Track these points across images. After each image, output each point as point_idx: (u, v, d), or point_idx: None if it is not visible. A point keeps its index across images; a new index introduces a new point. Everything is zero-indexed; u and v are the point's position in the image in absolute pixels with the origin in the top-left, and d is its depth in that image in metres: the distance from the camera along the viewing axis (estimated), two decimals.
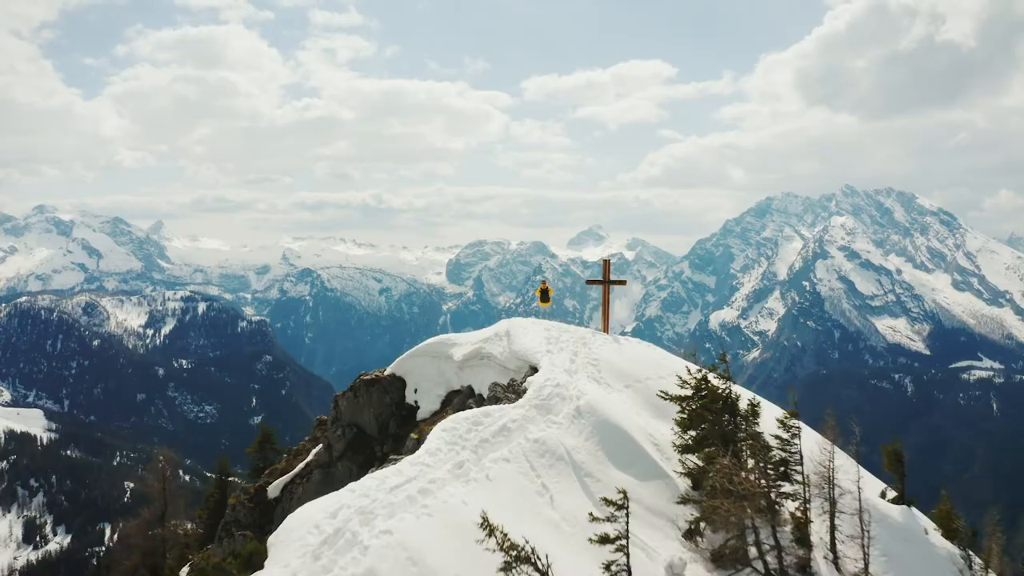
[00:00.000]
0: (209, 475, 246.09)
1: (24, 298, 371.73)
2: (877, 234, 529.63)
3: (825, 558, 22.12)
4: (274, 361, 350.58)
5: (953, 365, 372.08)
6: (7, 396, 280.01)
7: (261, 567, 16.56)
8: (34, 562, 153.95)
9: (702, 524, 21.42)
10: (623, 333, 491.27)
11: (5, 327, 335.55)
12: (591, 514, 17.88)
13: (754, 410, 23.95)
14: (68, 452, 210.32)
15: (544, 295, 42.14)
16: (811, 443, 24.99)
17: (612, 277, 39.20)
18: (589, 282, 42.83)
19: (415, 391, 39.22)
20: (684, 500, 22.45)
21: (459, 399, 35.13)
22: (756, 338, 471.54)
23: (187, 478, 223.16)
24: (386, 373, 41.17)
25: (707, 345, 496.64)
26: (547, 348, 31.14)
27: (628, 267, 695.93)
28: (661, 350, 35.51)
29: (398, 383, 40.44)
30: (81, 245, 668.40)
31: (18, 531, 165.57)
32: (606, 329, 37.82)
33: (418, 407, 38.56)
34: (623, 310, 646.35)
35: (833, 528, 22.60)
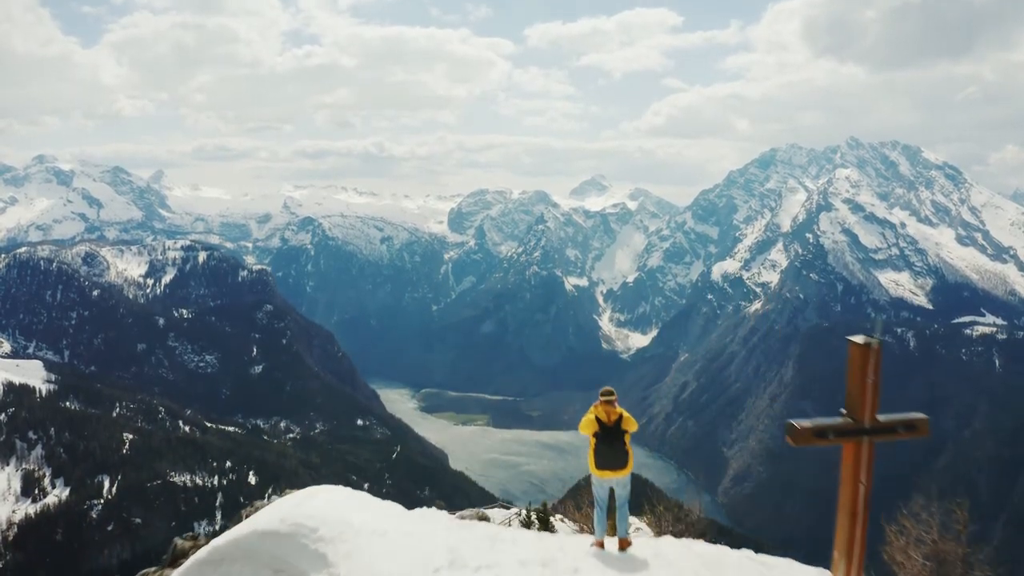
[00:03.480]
0: (209, 424, 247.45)
1: (23, 249, 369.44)
2: (882, 187, 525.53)
3: None
4: (275, 310, 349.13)
5: (956, 320, 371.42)
6: (7, 348, 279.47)
7: None
8: (32, 515, 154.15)
9: None
10: (625, 284, 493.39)
11: (4, 278, 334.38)
12: None
13: None
14: (67, 404, 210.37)
15: (610, 432, 15.26)
16: None
17: (613, 225, 17.41)
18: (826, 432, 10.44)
19: None
20: None
21: None
22: (758, 290, 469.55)
23: (187, 429, 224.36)
24: None
25: (709, 296, 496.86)
26: None
27: (631, 217, 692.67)
28: None
29: None
30: (81, 195, 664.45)
31: (16, 484, 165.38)
32: None
33: None
34: (625, 260, 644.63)
35: None
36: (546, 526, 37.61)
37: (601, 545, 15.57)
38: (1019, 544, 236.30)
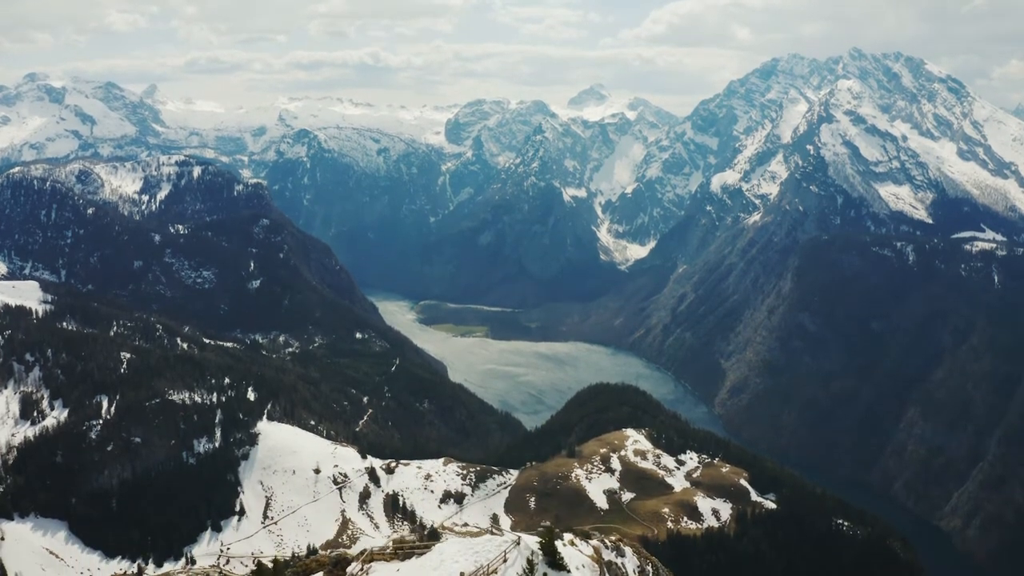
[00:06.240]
0: (207, 341, 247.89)
1: (17, 169, 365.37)
2: (884, 99, 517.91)
3: None
4: (272, 224, 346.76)
5: (955, 235, 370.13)
6: (3, 269, 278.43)
7: None
8: (32, 438, 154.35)
9: None
10: (623, 195, 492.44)
11: None
12: None
13: None
14: (64, 324, 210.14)
15: None
16: None
17: (612, 136, 17.37)
18: None
19: None
20: None
21: None
22: (758, 201, 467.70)
23: (185, 346, 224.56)
24: None
25: (708, 207, 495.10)
26: None
27: (630, 127, 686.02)
28: None
29: None
30: (74, 112, 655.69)
31: (15, 407, 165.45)
32: None
33: None
34: (623, 171, 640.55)
35: None
36: (554, 560, 30.01)
37: None
38: (1013, 459, 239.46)
